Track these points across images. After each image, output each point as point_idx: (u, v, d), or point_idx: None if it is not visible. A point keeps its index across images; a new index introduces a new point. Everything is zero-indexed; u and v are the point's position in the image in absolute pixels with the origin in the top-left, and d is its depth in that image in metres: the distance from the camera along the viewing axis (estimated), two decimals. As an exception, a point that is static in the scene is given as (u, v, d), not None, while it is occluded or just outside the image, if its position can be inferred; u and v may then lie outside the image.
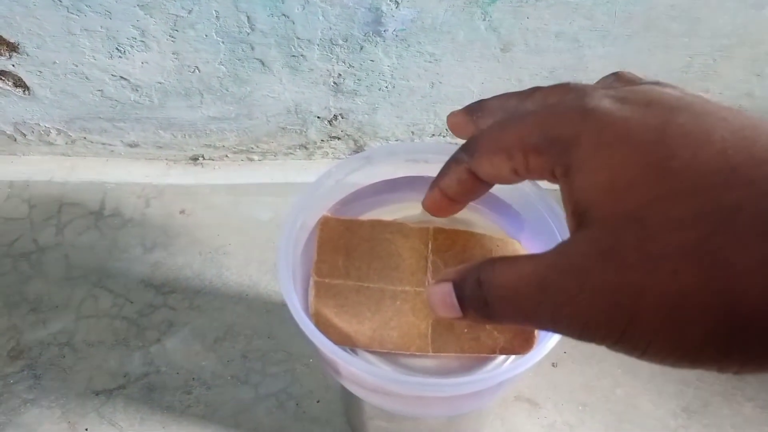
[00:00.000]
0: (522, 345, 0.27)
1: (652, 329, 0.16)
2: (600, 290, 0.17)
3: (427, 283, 0.28)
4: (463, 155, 0.23)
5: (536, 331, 0.27)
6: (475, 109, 0.25)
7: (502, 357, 0.31)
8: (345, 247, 0.28)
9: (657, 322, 0.16)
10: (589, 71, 0.47)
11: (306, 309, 0.32)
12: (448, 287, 0.21)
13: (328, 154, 0.57)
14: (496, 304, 0.20)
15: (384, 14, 0.43)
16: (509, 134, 0.21)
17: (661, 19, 0.43)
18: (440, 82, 0.49)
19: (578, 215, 0.18)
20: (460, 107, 0.26)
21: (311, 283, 0.29)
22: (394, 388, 0.27)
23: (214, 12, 0.43)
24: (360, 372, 0.25)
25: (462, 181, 0.24)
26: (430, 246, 0.26)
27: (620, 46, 0.45)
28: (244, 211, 0.53)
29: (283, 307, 0.45)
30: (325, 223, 0.28)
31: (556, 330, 0.19)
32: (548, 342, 0.27)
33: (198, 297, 0.48)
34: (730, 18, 0.43)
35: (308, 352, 0.45)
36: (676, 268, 0.16)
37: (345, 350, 0.28)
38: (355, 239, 0.28)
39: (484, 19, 0.43)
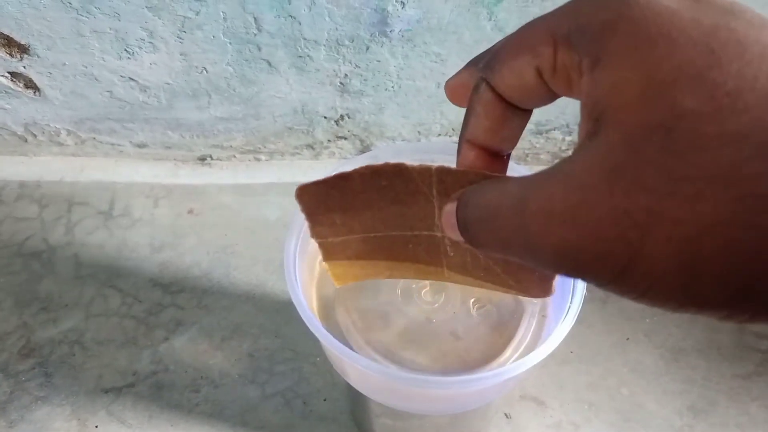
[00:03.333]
0: (538, 289, 0.25)
1: (659, 266, 0.14)
2: (601, 215, 0.14)
3: (437, 228, 0.25)
4: (482, 73, 0.20)
5: (555, 278, 0.24)
6: (480, 56, 0.21)
7: (508, 354, 0.31)
8: (339, 204, 0.25)
9: (665, 258, 0.14)
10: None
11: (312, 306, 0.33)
12: (452, 207, 0.20)
13: (334, 154, 0.57)
14: (474, 226, 0.18)
15: (390, 15, 0.43)
16: (536, 29, 0.18)
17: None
18: (446, 82, 0.49)
19: (594, 119, 0.15)
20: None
21: (316, 246, 0.28)
22: (400, 385, 0.27)
23: (221, 13, 0.43)
24: (366, 369, 0.26)
25: (489, 111, 0.20)
26: (435, 189, 0.23)
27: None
28: (252, 211, 0.54)
29: (289, 306, 0.45)
30: (303, 192, 0.25)
31: (535, 262, 0.16)
32: (553, 340, 0.28)
33: (206, 296, 0.49)
34: None
35: (315, 351, 0.45)
36: (699, 193, 0.13)
37: (352, 349, 0.29)
38: (346, 195, 0.25)
39: (490, 19, 0.43)
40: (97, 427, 0.42)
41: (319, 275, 0.35)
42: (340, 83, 0.49)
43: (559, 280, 0.27)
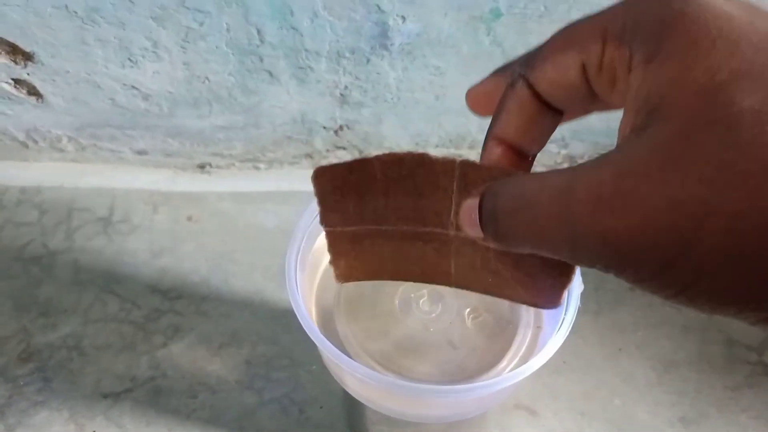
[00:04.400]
0: (547, 299, 0.25)
1: (711, 259, 0.13)
2: (654, 204, 0.14)
3: (450, 226, 0.25)
4: (519, 70, 0.20)
5: (566, 288, 0.24)
6: (508, 64, 0.21)
7: (504, 363, 0.32)
8: (355, 190, 0.24)
9: (720, 251, 0.13)
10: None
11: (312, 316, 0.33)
12: (474, 202, 0.19)
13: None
14: (505, 217, 0.18)
15: (390, 28, 0.44)
16: (585, 25, 0.18)
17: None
18: (444, 95, 0.49)
19: (646, 112, 0.15)
20: (463, 118, 0.24)
21: (324, 234, 0.27)
22: (398, 394, 0.27)
23: (225, 24, 0.44)
24: (364, 378, 0.26)
25: (522, 109, 0.20)
26: (456, 184, 0.22)
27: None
28: (250, 219, 0.54)
29: (287, 314, 0.46)
30: (321, 174, 0.25)
31: (573, 253, 0.16)
32: (547, 350, 0.28)
33: (204, 303, 0.49)
34: None
35: (311, 359, 0.46)
36: (760, 186, 0.13)
37: (348, 356, 0.29)
38: (365, 180, 0.24)
39: (488, 34, 0.44)
40: (95, 431, 0.43)
41: (318, 287, 0.35)
42: (340, 94, 0.50)
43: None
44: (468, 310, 0.34)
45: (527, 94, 0.19)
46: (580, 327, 0.48)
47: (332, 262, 0.28)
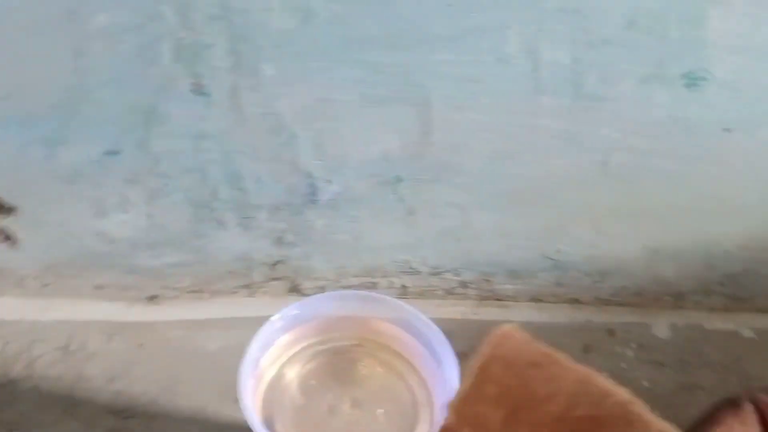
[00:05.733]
0: None
1: None
2: None
3: None
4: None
5: None
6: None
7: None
8: (517, 397, 0.19)
9: None
10: (474, 229, 0.61)
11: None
12: None
13: (267, 292, 0.67)
14: None
15: (318, 189, 0.56)
16: None
17: (524, 194, 0.59)
18: (361, 236, 0.62)
19: None
20: (376, 253, 0.31)
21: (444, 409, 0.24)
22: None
23: (186, 186, 0.55)
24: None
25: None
26: None
27: (496, 213, 0.60)
28: (196, 343, 0.62)
29: (229, 426, 0.53)
30: (503, 338, 0.19)
31: None
32: None
33: (154, 421, 0.56)
34: (571, 194, 0.59)
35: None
36: None
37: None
38: (538, 393, 0.18)
39: (394, 193, 0.58)
40: None
41: (263, 398, 0.44)
42: (277, 237, 0.61)
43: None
44: (381, 411, 0.44)
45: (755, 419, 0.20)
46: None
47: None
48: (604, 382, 0.20)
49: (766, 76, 0.48)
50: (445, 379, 0.43)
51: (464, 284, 0.68)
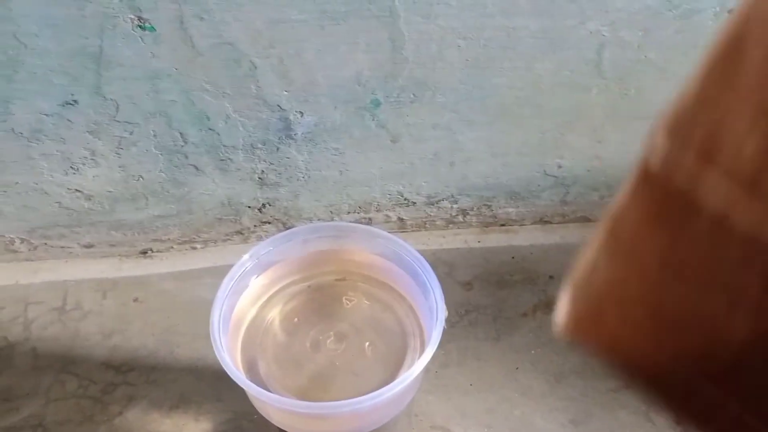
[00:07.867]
0: None
1: None
2: None
3: None
4: None
5: None
6: None
7: (397, 381, 0.40)
8: (664, 250, 0.15)
9: None
10: (465, 151, 0.58)
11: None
12: None
13: (261, 236, 0.65)
14: None
15: (292, 122, 0.53)
16: None
17: (512, 106, 0.55)
18: (347, 170, 0.59)
19: None
20: (367, 187, 0.30)
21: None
22: (306, 414, 0.35)
23: (152, 131, 0.52)
24: (277, 405, 0.33)
25: None
26: None
27: (485, 130, 0.56)
28: (191, 294, 0.61)
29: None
30: None
31: None
32: (417, 366, 0.36)
33: (153, 372, 0.55)
34: (564, 100, 0.55)
35: (252, 410, 0.52)
36: None
37: (262, 387, 0.36)
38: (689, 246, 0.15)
39: (373, 119, 0.54)
40: (60, 499, 0.48)
41: (242, 341, 0.43)
42: (259, 178, 0.58)
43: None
44: (367, 343, 0.41)
45: None
46: (482, 353, 0.56)
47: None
48: None
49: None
50: (432, 306, 0.41)
51: (463, 212, 0.65)
